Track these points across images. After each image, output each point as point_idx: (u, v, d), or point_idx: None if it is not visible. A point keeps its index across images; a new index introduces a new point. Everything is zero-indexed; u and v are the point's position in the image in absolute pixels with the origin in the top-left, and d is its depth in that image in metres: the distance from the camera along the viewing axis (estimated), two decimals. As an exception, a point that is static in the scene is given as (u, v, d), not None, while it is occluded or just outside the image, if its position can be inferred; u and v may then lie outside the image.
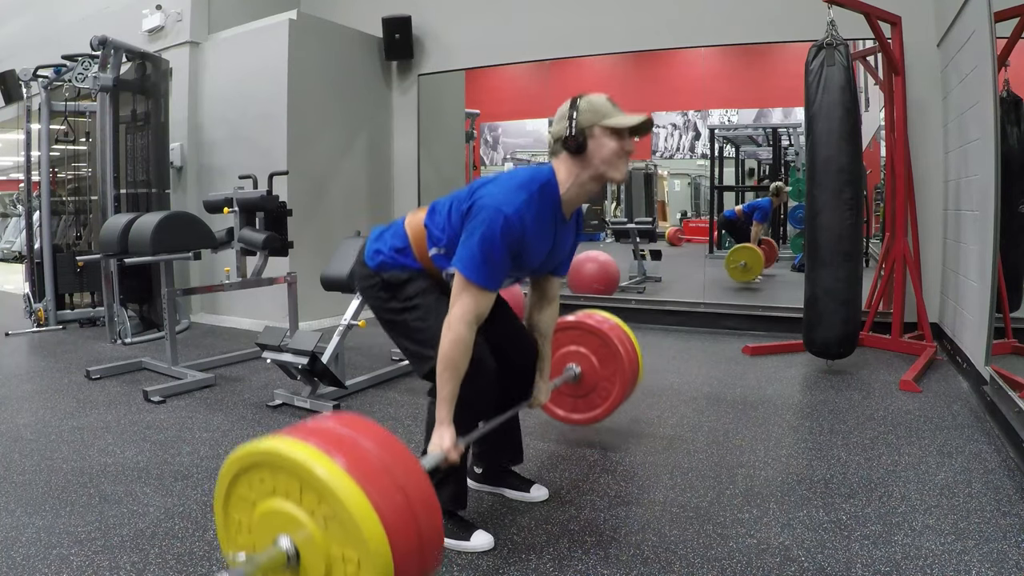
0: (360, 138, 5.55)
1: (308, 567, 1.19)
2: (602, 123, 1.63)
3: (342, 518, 1.13)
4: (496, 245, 1.58)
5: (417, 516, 1.21)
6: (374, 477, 1.18)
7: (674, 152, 8.13)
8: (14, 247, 10.94)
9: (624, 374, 2.38)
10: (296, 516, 1.19)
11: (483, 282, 1.60)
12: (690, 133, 8.07)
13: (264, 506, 1.23)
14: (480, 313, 1.62)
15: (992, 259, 2.88)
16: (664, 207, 8.67)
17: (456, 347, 1.60)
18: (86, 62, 4.62)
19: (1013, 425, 2.38)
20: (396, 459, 1.25)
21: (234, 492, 1.28)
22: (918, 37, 4.04)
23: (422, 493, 1.24)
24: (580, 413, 2.49)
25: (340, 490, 1.13)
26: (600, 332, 2.39)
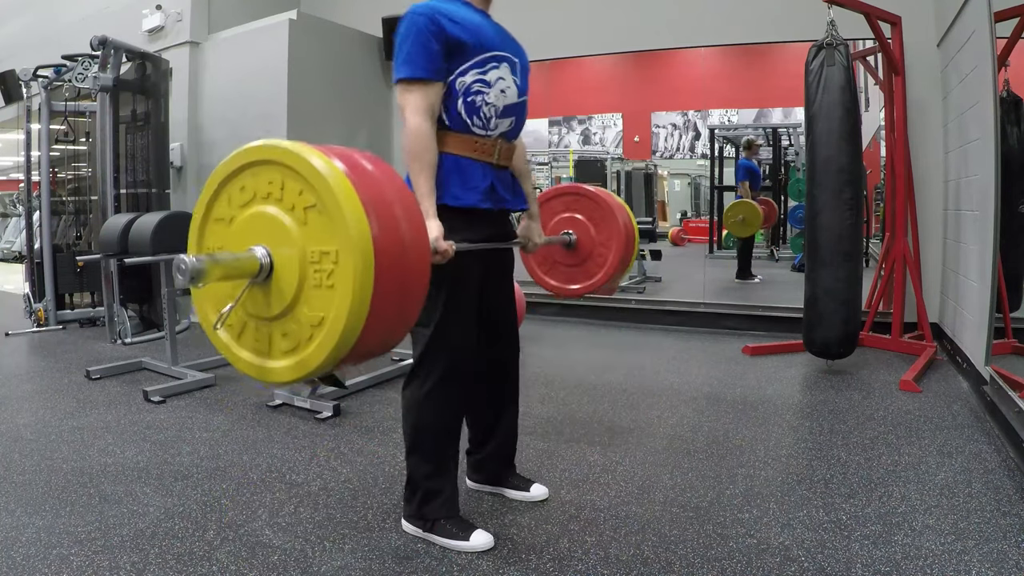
0: (360, 138, 5.54)
1: (281, 280, 1.11)
2: None
3: (323, 199, 1.06)
4: (411, 36, 1.63)
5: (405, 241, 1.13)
6: (366, 181, 1.11)
7: (674, 152, 8.13)
8: (14, 247, 10.94)
9: (620, 239, 2.29)
10: (273, 216, 1.11)
11: (412, 72, 1.63)
12: (690, 133, 8.08)
13: (241, 218, 1.16)
14: (430, 103, 1.65)
15: (992, 259, 2.88)
16: (664, 207, 8.68)
17: (415, 139, 1.62)
18: (86, 62, 4.62)
19: (1013, 425, 2.38)
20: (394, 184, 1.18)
21: (211, 215, 1.20)
22: (918, 37, 4.04)
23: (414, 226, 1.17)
24: (576, 283, 2.40)
25: (324, 171, 1.07)
26: (594, 196, 2.32)
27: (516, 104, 1.80)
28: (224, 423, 2.83)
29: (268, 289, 1.12)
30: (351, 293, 1.03)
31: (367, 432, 2.71)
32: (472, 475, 2.11)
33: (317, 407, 2.93)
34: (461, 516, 1.84)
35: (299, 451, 2.50)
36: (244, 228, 1.15)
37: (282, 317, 1.12)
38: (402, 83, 1.65)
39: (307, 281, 1.08)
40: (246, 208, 1.15)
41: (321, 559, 1.73)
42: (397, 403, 3.07)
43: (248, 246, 1.13)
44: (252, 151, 1.15)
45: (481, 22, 1.76)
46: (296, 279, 1.09)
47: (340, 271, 1.05)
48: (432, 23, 1.63)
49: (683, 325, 4.88)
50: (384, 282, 1.07)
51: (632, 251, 2.40)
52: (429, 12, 1.64)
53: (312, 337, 1.09)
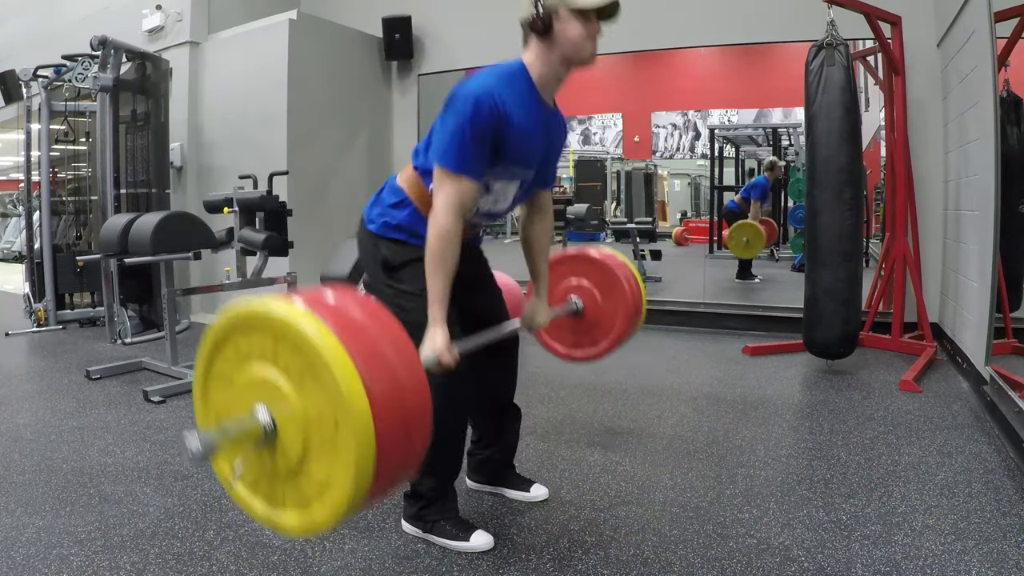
0: (360, 138, 5.55)
1: (286, 440, 1.10)
2: (568, 4, 1.59)
3: (314, 367, 1.05)
4: (468, 126, 1.53)
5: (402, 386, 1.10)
6: (352, 333, 1.09)
7: (674, 152, 8.13)
8: (14, 247, 10.94)
9: (627, 308, 2.25)
10: (271, 379, 1.11)
11: (459, 167, 1.54)
12: (690, 133, 8.08)
13: (239, 377, 1.15)
14: (464, 203, 1.57)
15: (992, 259, 2.88)
16: (664, 207, 8.68)
17: (442, 241, 1.55)
18: (86, 62, 4.62)
19: (1013, 425, 2.38)
20: (383, 328, 1.15)
21: (211, 372, 1.21)
22: (918, 37, 4.04)
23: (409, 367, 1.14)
24: (582, 349, 2.36)
25: (311, 334, 1.04)
26: (602, 264, 2.28)
27: (499, 211, 1.79)
28: (224, 423, 2.83)
29: (275, 448, 1.12)
30: (354, 459, 1.04)
31: (367, 432, 2.71)
32: (472, 475, 2.11)
33: (317, 407, 2.92)
34: (461, 516, 1.84)
35: (299, 451, 2.50)
36: (245, 386, 1.15)
37: (292, 475, 1.12)
38: (444, 170, 1.56)
39: (311, 440, 1.08)
40: (244, 366, 1.15)
41: (321, 559, 1.73)
42: (397, 403, 3.08)
43: (251, 404, 1.13)
44: (241, 316, 1.15)
45: (535, 129, 1.67)
46: (300, 439, 1.09)
47: (341, 436, 1.05)
48: (495, 121, 1.54)
49: (683, 325, 4.88)
50: (386, 435, 1.07)
51: (640, 317, 2.38)
52: (495, 108, 1.54)
53: (322, 495, 1.09)
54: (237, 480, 1.17)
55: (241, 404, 1.15)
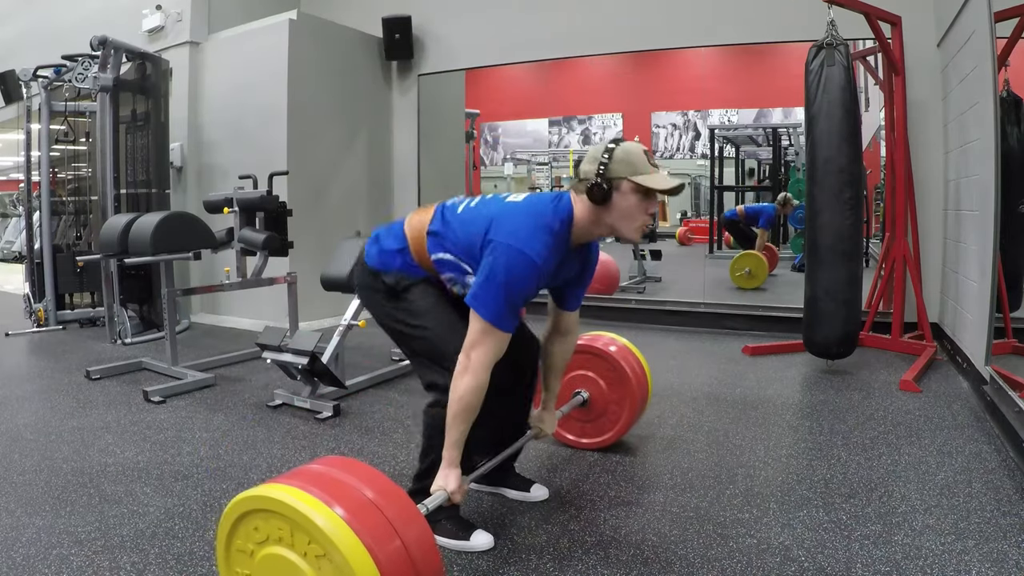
0: (360, 138, 5.55)
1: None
2: (633, 178, 1.56)
3: (331, 555, 1.15)
4: (519, 288, 1.55)
5: (413, 559, 1.21)
6: (362, 513, 1.20)
7: (674, 152, 8.13)
8: (14, 247, 10.94)
9: (633, 398, 2.34)
10: (291, 559, 1.20)
11: (504, 326, 1.58)
12: (690, 133, 8.08)
13: (261, 554, 1.25)
14: (500, 355, 1.61)
15: (992, 259, 2.88)
16: (664, 207, 8.67)
17: (474, 394, 1.57)
18: (86, 62, 4.62)
19: (1013, 425, 2.38)
20: (391, 501, 1.26)
21: (232, 545, 1.30)
22: (918, 37, 4.04)
23: (419, 536, 1.24)
24: (589, 438, 2.45)
25: (325, 525, 1.15)
26: (608, 356, 2.35)
27: None
28: (224, 423, 2.83)
29: None
30: None
31: (367, 432, 2.71)
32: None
33: (317, 407, 2.93)
34: (461, 516, 1.84)
35: (299, 451, 2.50)
36: (266, 563, 1.25)
37: None
38: (490, 326, 1.56)
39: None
40: (263, 546, 1.25)
41: (321, 559, 1.72)
42: (397, 403, 3.09)
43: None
44: (257, 500, 1.24)
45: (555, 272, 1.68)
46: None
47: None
48: (536, 280, 1.58)
49: (683, 325, 4.88)
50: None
51: (645, 404, 2.44)
52: (541, 269, 1.57)
53: None
54: None
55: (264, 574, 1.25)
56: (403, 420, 2.86)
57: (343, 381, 3.05)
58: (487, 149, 8.97)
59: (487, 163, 8.92)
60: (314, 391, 3.01)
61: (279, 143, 4.84)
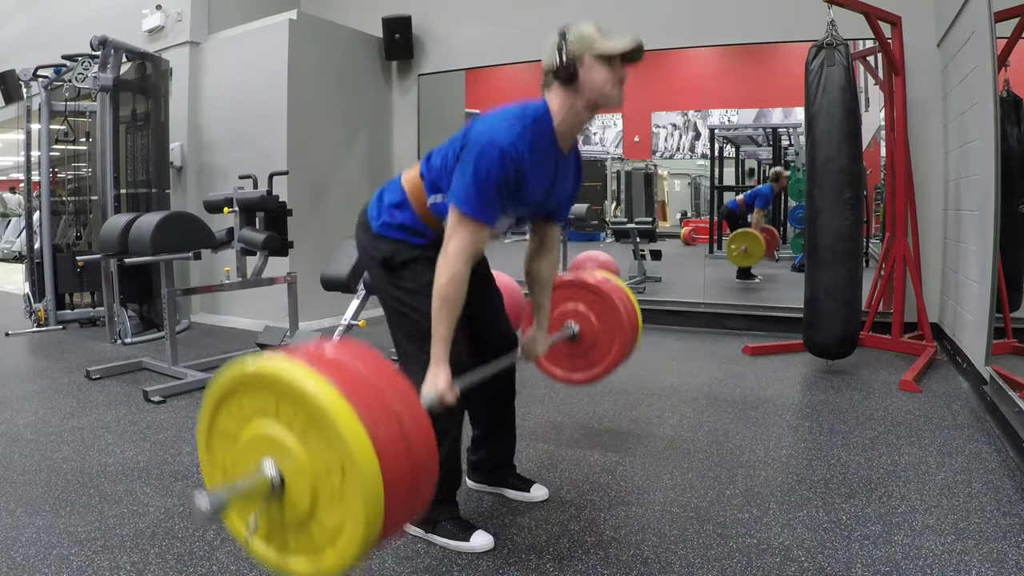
0: (360, 138, 5.55)
1: (294, 493, 1.11)
2: (593, 50, 1.59)
3: (317, 420, 1.06)
4: (491, 177, 1.53)
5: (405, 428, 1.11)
6: (354, 384, 1.10)
7: (674, 152, 8.13)
8: (14, 247, 10.94)
9: (623, 329, 2.29)
10: (276, 435, 1.11)
11: (479, 216, 1.55)
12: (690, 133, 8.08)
13: (244, 434, 1.16)
14: (478, 249, 1.59)
15: (992, 259, 2.88)
16: (664, 207, 8.68)
17: (453, 284, 1.56)
18: (86, 62, 4.62)
19: (1013, 425, 2.38)
20: (381, 374, 1.16)
21: (215, 429, 1.21)
22: (918, 37, 4.04)
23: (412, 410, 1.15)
24: (580, 372, 2.39)
25: (312, 390, 1.05)
26: (596, 288, 2.32)
27: None
28: (224, 423, 2.83)
29: (284, 500, 1.13)
30: (363, 507, 1.05)
31: (367, 432, 2.71)
32: (472, 475, 2.11)
33: (317, 407, 2.92)
34: (461, 517, 1.84)
35: (299, 451, 2.50)
36: (251, 443, 1.16)
37: (302, 524, 1.13)
38: (463, 215, 1.56)
39: (320, 492, 1.10)
40: (248, 423, 1.16)
41: (321, 559, 1.72)
42: (397, 403, 3.08)
43: (257, 459, 1.14)
44: (240, 377, 1.16)
45: (544, 177, 1.67)
46: (309, 490, 1.10)
47: (348, 485, 1.06)
48: (514, 172, 1.55)
49: (683, 325, 4.88)
50: (394, 481, 1.08)
51: (636, 338, 2.40)
52: (519, 162, 1.55)
53: (334, 542, 1.11)
54: (252, 535, 1.17)
55: (247, 460, 1.15)
56: (403, 420, 2.86)
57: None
58: (487, 149, 8.95)
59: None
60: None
61: (279, 143, 4.84)
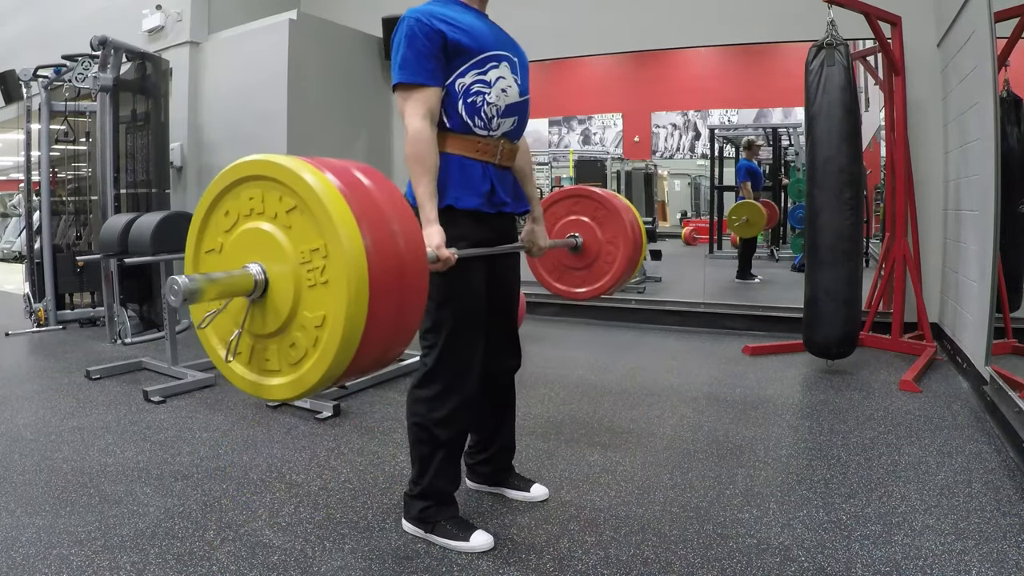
0: (360, 138, 5.54)
1: (276, 293, 1.09)
2: None
3: (305, 199, 1.04)
4: (413, 38, 1.61)
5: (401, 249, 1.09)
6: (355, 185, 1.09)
7: (674, 152, 8.13)
8: (14, 247, 10.94)
9: (627, 237, 2.25)
10: (262, 230, 1.10)
11: (415, 77, 1.62)
12: (690, 133, 8.07)
13: (229, 242, 1.15)
14: (430, 108, 1.63)
15: (992, 259, 2.88)
16: (664, 207, 8.67)
17: (416, 143, 1.60)
18: (86, 62, 4.62)
19: (1013, 425, 2.38)
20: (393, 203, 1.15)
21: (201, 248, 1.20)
22: (918, 37, 4.04)
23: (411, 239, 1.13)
24: (584, 286, 2.35)
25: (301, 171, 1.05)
26: (598, 196, 2.29)
27: (518, 103, 1.78)
28: (224, 423, 2.83)
29: (267, 304, 1.11)
30: (345, 285, 1.02)
31: (367, 432, 2.71)
32: (472, 475, 2.11)
33: (317, 407, 2.93)
34: (461, 516, 1.84)
35: (299, 451, 2.50)
36: (234, 251, 1.14)
37: (287, 328, 1.10)
38: (400, 88, 1.64)
39: (302, 284, 1.07)
40: (232, 231, 1.15)
41: (321, 559, 1.73)
42: (397, 403, 3.08)
43: (242, 263, 1.12)
44: (227, 173, 1.17)
45: (476, 23, 1.74)
46: (292, 286, 1.07)
47: (331, 264, 1.03)
48: (428, 27, 1.62)
49: (683, 325, 4.88)
50: (380, 281, 1.05)
51: (640, 250, 2.35)
52: (425, 16, 1.64)
53: (318, 339, 1.07)
54: (233, 356, 1.16)
55: (232, 265, 1.14)
56: (403, 420, 2.83)
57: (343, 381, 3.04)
58: (487, 149, 8.95)
59: (487, 163, 8.90)
60: (314, 391, 3.00)
61: (279, 143, 4.84)
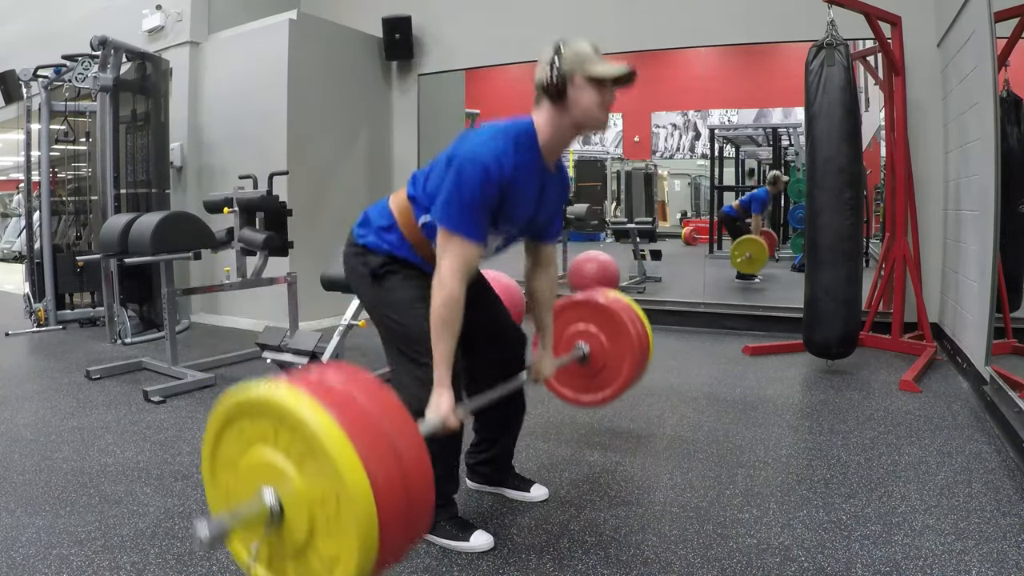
0: (360, 138, 5.55)
1: (292, 521, 1.12)
2: (584, 71, 1.58)
3: (313, 448, 1.07)
4: (475, 192, 1.53)
5: (402, 460, 1.12)
6: (350, 412, 1.11)
7: (674, 152, 8.13)
8: (14, 247, 10.94)
9: (634, 352, 2.26)
10: (275, 462, 1.12)
11: (466, 232, 1.55)
12: (690, 133, 8.07)
13: (245, 461, 1.18)
14: (469, 266, 1.57)
15: (992, 259, 2.88)
16: (664, 207, 8.67)
17: (448, 306, 1.55)
18: (86, 62, 4.62)
19: (1013, 425, 2.38)
20: (381, 406, 1.17)
21: (218, 455, 1.23)
22: (918, 37, 4.04)
23: (410, 443, 1.16)
24: (589, 394, 2.36)
25: (308, 417, 1.07)
26: (608, 309, 2.28)
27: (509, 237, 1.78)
28: (224, 423, 2.83)
29: (284, 529, 1.15)
30: (356, 535, 1.06)
31: (367, 432, 2.71)
32: (472, 475, 2.11)
33: (317, 407, 2.92)
34: (461, 517, 1.84)
35: (299, 451, 2.50)
36: (251, 469, 1.17)
37: (301, 553, 1.15)
38: (451, 234, 1.55)
39: (317, 520, 1.11)
40: (248, 450, 1.18)
41: (321, 559, 1.72)
42: (397, 403, 3.08)
43: (257, 487, 1.16)
44: (239, 404, 1.17)
45: (531, 194, 1.67)
46: (306, 519, 1.11)
47: (343, 514, 1.07)
48: (501, 190, 1.56)
49: (683, 325, 4.88)
50: (389, 510, 1.09)
51: (646, 360, 2.38)
52: (502, 178, 1.55)
53: (332, 571, 1.12)
54: (254, 563, 1.20)
55: (248, 486, 1.17)
56: (403, 420, 2.86)
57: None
58: (487, 149, 8.95)
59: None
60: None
61: (279, 143, 4.84)
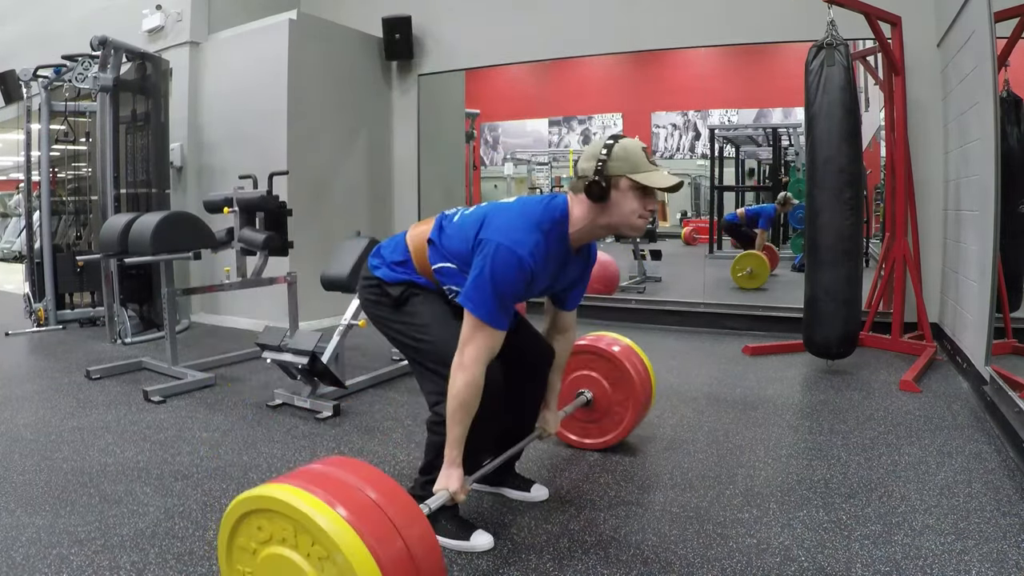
0: (360, 138, 5.55)
1: None
2: (632, 176, 1.55)
3: (334, 557, 1.15)
4: (507, 284, 1.55)
5: (416, 559, 1.21)
6: (365, 514, 1.20)
7: (674, 152, 8.13)
8: (14, 247, 10.94)
9: (636, 398, 2.34)
10: (294, 561, 1.20)
11: (496, 323, 1.58)
12: (690, 133, 8.08)
13: (264, 553, 1.25)
14: (493, 353, 1.60)
15: (992, 259, 2.88)
16: (664, 207, 8.67)
17: (469, 389, 1.57)
18: (86, 62, 4.62)
19: (1013, 425, 2.38)
20: (392, 500, 1.26)
21: (235, 543, 1.30)
22: (918, 37, 4.04)
23: (421, 536, 1.25)
24: (592, 439, 2.44)
25: (328, 526, 1.15)
26: (611, 356, 2.35)
27: None
28: (224, 423, 2.83)
29: None
30: None
31: (367, 432, 2.71)
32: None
33: (317, 407, 2.93)
34: (461, 516, 1.84)
35: (299, 451, 2.50)
36: (268, 562, 1.25)
37: None
38: (481, 323, 1.57)
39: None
40: (266, 545, 1.25)
41: (321, 559, 1.72)
42: (397, 403, 3.09)
43: None
44: (260, 500, 1.24)
45: (552, 272, 1.68)
46: None
47: None
48: (527, 282, 1.57)
49: (683, 325, 4.88)
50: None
51: (649, 406, 2.43)
52: (534, 270, 1.56)
53: None
54: None
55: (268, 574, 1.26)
56: (403, 420, 2.86)
57: (343, 381, 3.05)
58: (487, 149, 8.97)
59: (487, 163, 8.93)
60: (314, 391, 3.01)
61: (279, 143, 4.84)
